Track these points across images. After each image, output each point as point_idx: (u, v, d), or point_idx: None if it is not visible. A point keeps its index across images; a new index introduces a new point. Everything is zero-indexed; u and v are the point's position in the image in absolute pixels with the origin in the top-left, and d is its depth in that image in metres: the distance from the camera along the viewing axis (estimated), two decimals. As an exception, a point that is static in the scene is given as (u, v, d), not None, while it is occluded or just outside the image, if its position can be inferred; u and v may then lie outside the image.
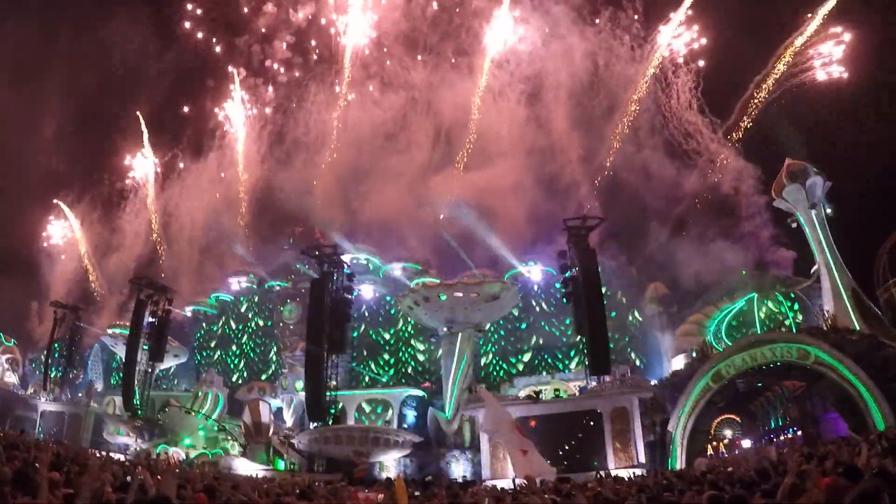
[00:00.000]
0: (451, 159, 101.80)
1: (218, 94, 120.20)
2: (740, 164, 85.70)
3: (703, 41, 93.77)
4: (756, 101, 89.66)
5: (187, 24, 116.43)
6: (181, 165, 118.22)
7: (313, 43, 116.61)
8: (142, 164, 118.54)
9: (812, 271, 68.50)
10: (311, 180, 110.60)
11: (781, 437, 60.05)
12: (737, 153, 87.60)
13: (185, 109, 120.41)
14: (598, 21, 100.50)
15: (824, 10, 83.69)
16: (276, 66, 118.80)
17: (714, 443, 62.77)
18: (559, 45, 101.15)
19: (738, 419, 64.73)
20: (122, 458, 45.48)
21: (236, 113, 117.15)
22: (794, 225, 68.84)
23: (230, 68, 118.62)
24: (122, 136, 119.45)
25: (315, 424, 68.35)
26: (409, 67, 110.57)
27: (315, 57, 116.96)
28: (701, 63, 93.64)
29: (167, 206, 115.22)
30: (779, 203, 69.28)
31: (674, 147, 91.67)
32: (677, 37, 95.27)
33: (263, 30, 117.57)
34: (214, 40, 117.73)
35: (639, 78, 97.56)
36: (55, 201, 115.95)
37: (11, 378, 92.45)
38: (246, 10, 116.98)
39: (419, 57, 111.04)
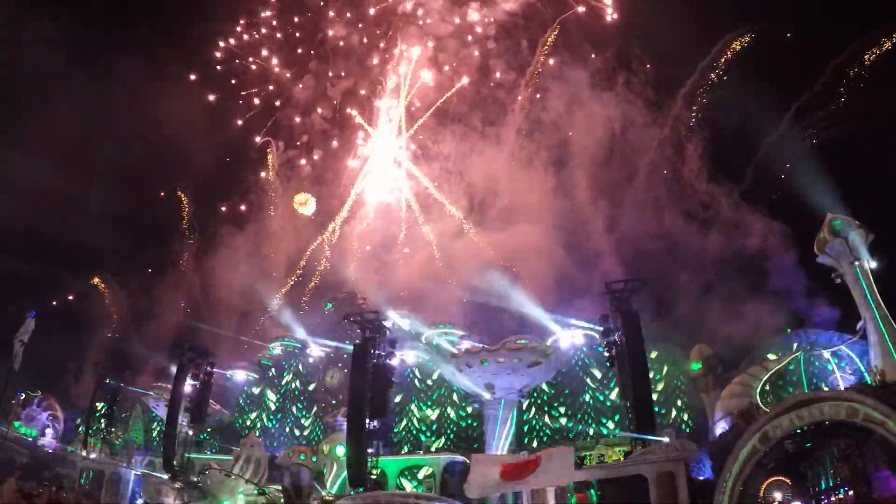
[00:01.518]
0: (483, 226, 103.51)
1: (257, 166, 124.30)
2: (765, 222, 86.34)
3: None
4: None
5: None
6: (221, 235, 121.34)
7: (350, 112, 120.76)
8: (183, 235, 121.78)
9: (858, 327, 67.09)
10: (347, 249, 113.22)
11: (832, 498, 58.34)
12: (759, 213, 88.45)
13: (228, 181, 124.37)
14: (615, 85, 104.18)
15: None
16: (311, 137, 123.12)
17: (764, 505, 61.17)
18: (579, 112, 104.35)
19: (787, 481, 62.93)
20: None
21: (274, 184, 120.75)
22: (839, 280, 67.71)
23: (270, 141, 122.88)
24: (165, 208, 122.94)
25: (356, 490, 67.71)
26: (441, 139, 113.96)
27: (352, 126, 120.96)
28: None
29: (208, 276, 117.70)
30: (822, 259, 68.18)
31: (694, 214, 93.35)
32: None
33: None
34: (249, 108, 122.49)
35: (652, 144, 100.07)
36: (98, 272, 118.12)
37: (52, 434, 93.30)
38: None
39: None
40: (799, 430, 53.88)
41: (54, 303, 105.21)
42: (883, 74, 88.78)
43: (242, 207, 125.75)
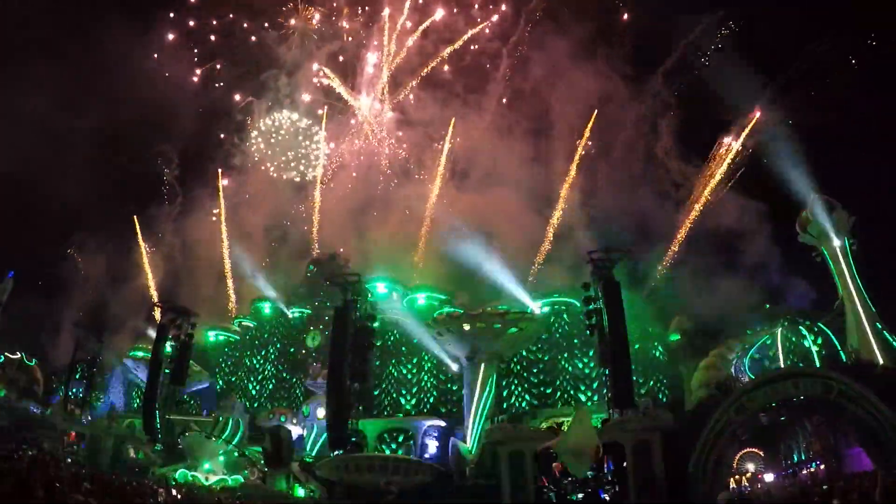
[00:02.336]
0: (463, 191, 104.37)
1: (238, 127, 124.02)
2: (745, 200, 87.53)
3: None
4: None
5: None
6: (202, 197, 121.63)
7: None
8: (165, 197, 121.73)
9: (835, 305, 68.11)
10: (328, 212, 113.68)
11: (804, 472, 59.53)
12: (740, 191, 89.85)
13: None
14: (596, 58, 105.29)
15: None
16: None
17: (736, 476, 62.22)
18: (560, 83, 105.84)
19: (760, 453, 64.14)
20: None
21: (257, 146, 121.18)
22: (819, 259, 68.74)
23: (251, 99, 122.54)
24: (146, 170, 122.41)
25: (336, 452, 68.30)
26: (423, 105, 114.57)
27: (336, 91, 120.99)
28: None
29: (189, 238, 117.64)
30: (804, 238, 69.18)
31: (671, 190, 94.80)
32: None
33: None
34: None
35: (631, 118, 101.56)
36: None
37: (32, 397, 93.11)
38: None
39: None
40: (774, 404, 54.80)
41: (33, 264, 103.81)
42: (863, 58, 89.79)
43: (221, 171, 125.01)
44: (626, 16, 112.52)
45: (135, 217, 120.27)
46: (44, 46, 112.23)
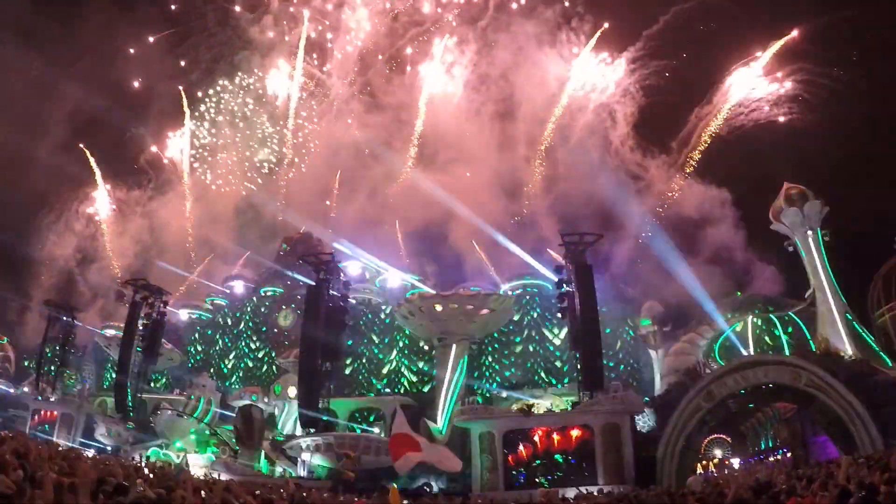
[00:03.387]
0: (431, 174, 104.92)
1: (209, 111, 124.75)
2: (701, 188, 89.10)
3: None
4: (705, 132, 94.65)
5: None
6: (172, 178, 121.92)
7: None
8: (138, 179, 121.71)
9: (806, 295, 68.99)
10: (300, 191, 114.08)
11: (771, 459, 60.34)
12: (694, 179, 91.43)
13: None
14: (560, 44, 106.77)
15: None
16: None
17: (704, 462, 63.03)
18: (524, 67, 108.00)
19: (728, 439, 65.04)
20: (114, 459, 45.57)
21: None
22: (791, 249, 69.55)
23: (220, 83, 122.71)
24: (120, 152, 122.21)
25: (307, 431, 68.42)
26: (392, 89, 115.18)
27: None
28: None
29: (161, 218, 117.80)
30: (776, 226, 70.00)
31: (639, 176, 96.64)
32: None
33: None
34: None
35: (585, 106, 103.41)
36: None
37: (4, 377, 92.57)
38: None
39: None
40: (742, 391, 55.40)
41: (2, 244, 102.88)
42: (834, 46, 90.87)
43: (186, 150, 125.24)
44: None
45: (104, 193, 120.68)
46: (19, 28, 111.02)
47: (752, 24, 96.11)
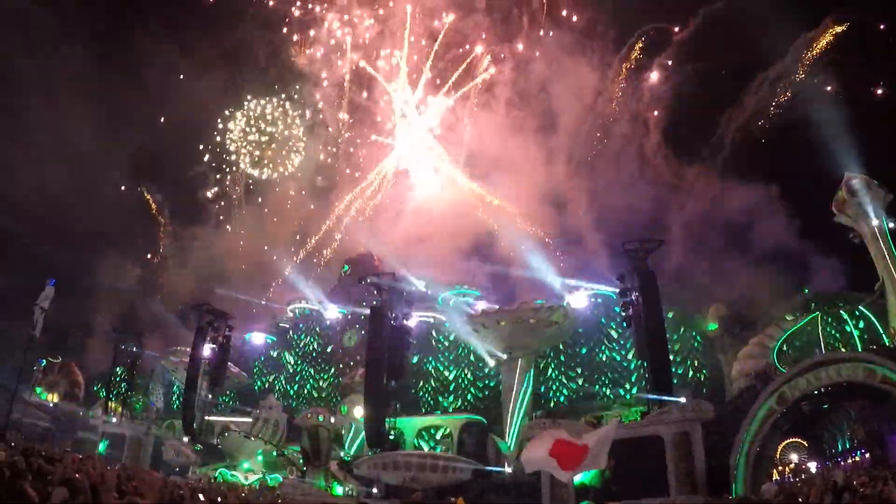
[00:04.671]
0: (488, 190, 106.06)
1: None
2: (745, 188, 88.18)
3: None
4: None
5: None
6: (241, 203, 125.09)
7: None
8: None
9: (875, 287, 66.86)
10: (360, 213, 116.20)
11: (849, 460, 58.45)
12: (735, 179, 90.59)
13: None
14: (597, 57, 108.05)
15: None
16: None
17: (780, 467, 61.33)
18: (560, 80, 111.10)
19: (804, 443, 63.17)
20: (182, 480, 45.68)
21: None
22: (857, 240, 67.49)
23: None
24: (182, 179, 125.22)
25: (373, 450, 68.22)
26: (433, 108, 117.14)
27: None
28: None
29: (227, 242, 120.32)
30: (839, 218, 68.01)
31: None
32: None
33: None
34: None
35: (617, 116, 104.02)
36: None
37: (73, 399, 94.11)
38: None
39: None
40: (815, 392, 53.72)
41: (72, 271, 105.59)
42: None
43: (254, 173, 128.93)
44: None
45: (163, 225, 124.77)
46: (79, 73, 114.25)
47: (781, 19, 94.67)
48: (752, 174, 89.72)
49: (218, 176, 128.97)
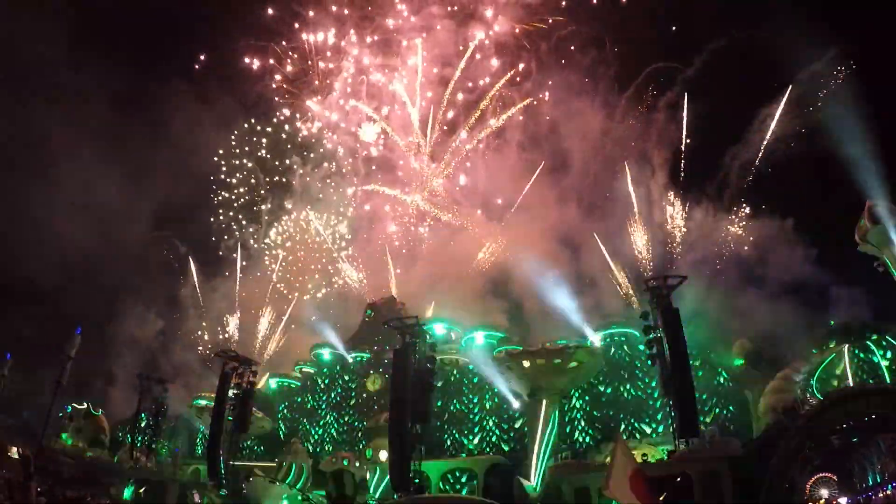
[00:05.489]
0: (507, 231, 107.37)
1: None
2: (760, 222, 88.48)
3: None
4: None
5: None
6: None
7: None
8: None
9: (903, 315, 66.33)
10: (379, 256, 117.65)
11: (879, 494, 57.50)
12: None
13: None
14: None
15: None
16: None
17: (810, 503, 60.43)
18: (568, 122, 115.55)
19: (833, 477, 62.24)
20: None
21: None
22: (881, 269, 66.78)
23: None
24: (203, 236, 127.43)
25: (398, 494, 67.76)
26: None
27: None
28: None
29: (249, 292, 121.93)
30: (863, 247, 67.33)
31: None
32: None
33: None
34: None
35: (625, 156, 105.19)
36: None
37: (99, 445, 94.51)
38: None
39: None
40: (845, 426, 53.07)
41: (100, 320, 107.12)
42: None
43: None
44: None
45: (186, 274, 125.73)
46: (103, 128, 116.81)
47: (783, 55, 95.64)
48: (766, 207, 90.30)
49: (236, 227, 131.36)
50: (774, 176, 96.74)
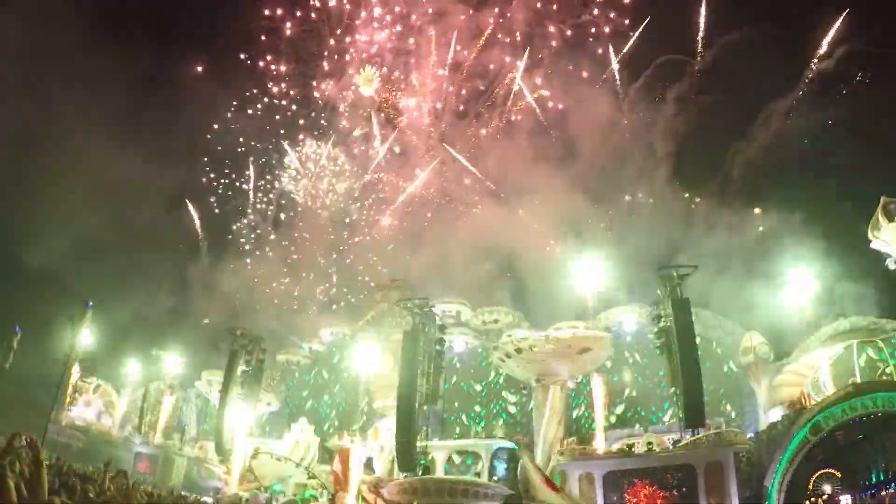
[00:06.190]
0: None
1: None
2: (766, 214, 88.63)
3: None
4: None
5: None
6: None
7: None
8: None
9: (913, 313, 66.14)
10: (389, 237, 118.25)
11: (883, 492, 57.61)
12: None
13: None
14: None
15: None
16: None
17: (813, 498, 60.54)
18: (580, 111, 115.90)
19: (837, 474, 62.32)
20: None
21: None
22: (893, 266, 66.69)
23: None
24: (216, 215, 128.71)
25: (405, 474, 68.21)
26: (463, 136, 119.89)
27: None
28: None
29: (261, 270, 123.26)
30: (876, 243, 67.11)
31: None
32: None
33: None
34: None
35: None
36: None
37: (107, 420, 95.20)
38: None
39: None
40: (851, 422, 53.24)
41: (110, 295, 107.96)
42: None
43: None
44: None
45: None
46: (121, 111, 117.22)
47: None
48: (779, 198, 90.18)
49: (250, 210, 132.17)
50: (784, 169, 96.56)
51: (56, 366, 74.59)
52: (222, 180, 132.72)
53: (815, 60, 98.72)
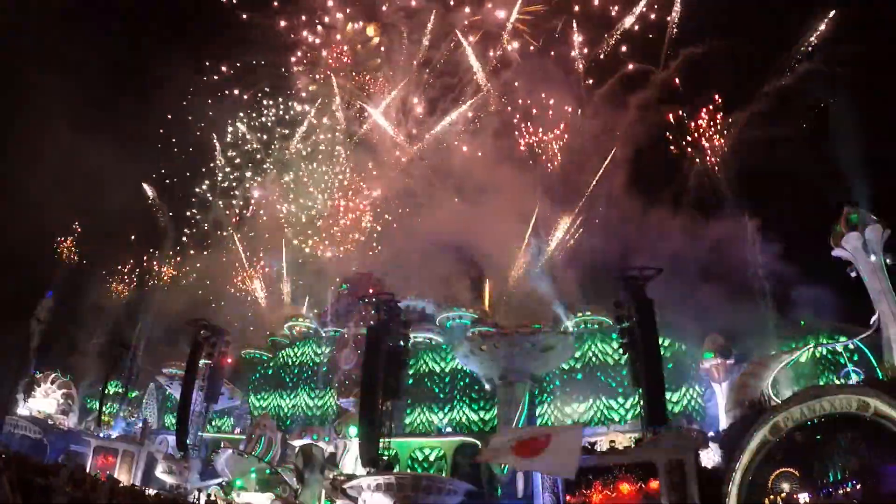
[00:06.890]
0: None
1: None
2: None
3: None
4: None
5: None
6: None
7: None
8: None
9: (871, 321, 67.09)
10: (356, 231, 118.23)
11: (840, 491, 58.53)
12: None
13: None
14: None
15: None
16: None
17: (771, 496, 61.31)
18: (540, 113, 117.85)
19: (795, 473, 63.14)
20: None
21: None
22: (854, 274, 67.81)
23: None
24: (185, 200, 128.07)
25: (368, 471, 68.17)
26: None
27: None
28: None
29: (223, 262, 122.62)
30: (837, 252, 68.35)
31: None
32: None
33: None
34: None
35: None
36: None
37: (66, 413, 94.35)
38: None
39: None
40: (809, 423, 54.07)
41: (71, 286, 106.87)
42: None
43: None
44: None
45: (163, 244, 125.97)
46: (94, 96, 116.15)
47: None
48: (742, 205, 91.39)
49: (219, 201, 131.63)
50: (746, 176, 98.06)
51: (13, 356, 73.85)
52: (186, 173, 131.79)
53: (787, 70, 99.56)
